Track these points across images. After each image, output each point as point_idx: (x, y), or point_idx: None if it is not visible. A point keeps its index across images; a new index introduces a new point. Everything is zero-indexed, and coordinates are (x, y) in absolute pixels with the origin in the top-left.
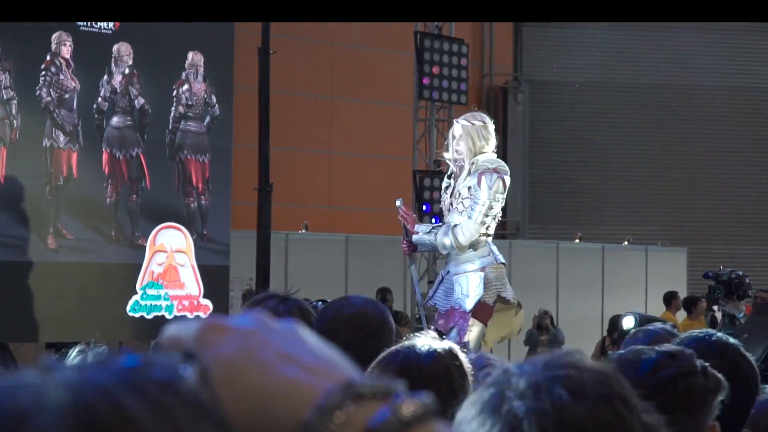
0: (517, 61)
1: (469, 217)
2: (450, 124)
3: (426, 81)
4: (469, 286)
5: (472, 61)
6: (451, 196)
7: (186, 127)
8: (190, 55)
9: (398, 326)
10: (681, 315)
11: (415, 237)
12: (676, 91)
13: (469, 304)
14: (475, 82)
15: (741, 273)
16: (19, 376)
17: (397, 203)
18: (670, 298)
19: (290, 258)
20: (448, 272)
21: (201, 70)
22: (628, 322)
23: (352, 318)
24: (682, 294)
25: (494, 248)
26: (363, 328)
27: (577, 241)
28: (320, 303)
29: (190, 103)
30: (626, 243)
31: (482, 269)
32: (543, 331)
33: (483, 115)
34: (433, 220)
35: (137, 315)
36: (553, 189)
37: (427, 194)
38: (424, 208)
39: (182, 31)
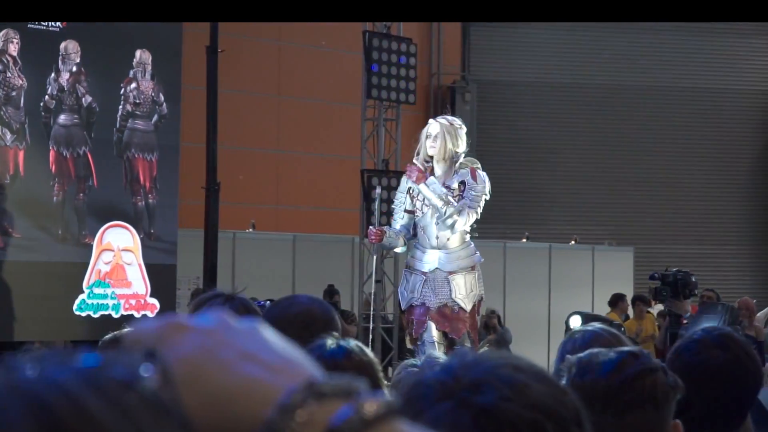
0: (464, 61)
1: (470, 207)
2: (398, 124)
3: (374, 80)
4: (465, 285)
5: (421, 61)
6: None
7: (134, 126)
8: (138, 53)
9: (345, 325)
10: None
11: (429, 183)
12: (625, 91)
13: (468, 304)
14: (423, 82)
15: (687, 272)
16: None
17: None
18: (616, 300)
19: (237, 257)
20: (435, 269)
21: (149, 68)
22: (574, 322)
23: (298, 317)
24: (629, 293)
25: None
26: (309, 327)
27: (524, 240)
28: (268, 302)
29: (137, 101)
30: (573, 243)
31: (472, 267)
32: (490, 331)
33: (455, 118)
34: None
35: (84, 314)
36: (501, 188)
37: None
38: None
39: (130, 29)
